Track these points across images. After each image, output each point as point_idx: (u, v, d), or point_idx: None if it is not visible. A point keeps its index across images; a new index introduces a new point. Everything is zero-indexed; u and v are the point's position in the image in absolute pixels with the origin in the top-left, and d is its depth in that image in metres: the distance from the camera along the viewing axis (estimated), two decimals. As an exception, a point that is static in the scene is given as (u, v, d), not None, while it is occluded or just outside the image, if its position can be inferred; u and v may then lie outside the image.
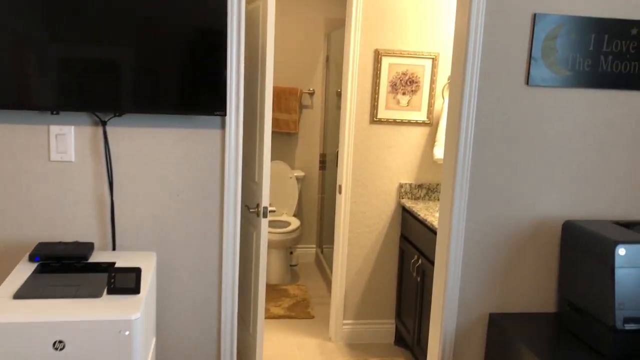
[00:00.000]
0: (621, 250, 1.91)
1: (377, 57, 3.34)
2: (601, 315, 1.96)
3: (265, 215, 2.66)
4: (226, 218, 2.24)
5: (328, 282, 4.49)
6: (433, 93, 3.42)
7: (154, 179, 2.18)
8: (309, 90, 4.95)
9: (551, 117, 2.25)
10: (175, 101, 2.05)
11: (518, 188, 2.27)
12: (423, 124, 3.45)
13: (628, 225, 2.20)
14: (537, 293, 2.35)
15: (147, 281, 1.82)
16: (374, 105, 3.39)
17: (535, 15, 2.17)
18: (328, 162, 4.89)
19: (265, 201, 2.64)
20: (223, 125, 2.18)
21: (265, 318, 3.89)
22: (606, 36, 2.21)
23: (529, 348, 2.02)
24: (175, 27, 2.01)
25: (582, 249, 2.10)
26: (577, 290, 2.13)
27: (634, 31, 2.21)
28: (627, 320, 1.91)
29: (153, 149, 2.16)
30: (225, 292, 2.29)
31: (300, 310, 4.05)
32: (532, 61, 2.20)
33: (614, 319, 1.91)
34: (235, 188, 2.23)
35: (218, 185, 2.22)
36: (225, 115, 2.10)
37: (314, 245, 5.22)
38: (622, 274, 1.91)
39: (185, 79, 2.04)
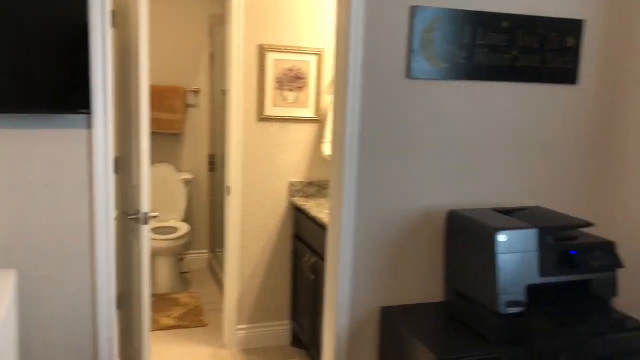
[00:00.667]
0: (501, 237, 1.97)
1: (262, 52, 3.25)
2: (486, 301, 2.01)
3: (146, 222, 2.48)
4: (98, 226, 2.04)
5: (222, 288, 4.33)
6: (320, 89, 3.39)
7: (12, 186, 1.94)
8: (194, 88, 4.76)
9: (433, 110, 2.28)
10: (31, 99, 1.83)
11: (405, 181, 2.28)
12: (311, 120, 3.41)
13: (508, 212, 2.28)
14: (426, 284, 2.37)
15: (2, 304, 1.60)
16: (260, 102, 3.29)
17: (413, 8, 2.18)
18: (217, 164, 4.73)
19: (145, 207, 2.46)
20: (90, 125, 1.99)
21: (154, 330, 3.66)
22: (480, 29, 2.27)
23: (418, 339, 2.02)
24: (31, 21, 1.79)
25: (466, 238, 2.14)
26: (462, 278, 2.17)
27: (505, 24, 2.29)
28: (509, 304, 1.96)
29: (10, 152, 1.92)
30: (101, 308, 2.09)
31: (192, 318, 3.87)
32: (413, 54, 2.21)
33: (498, 304, 1.95)
34: (107, 193, 2.04)
35: (86, 190, 2.02)
36: (89, 113, 1.91)
37: (206, 251, 5.03)
38: (504, 260, 1.96)
39: (44, 76, 1.82)
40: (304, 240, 3.26)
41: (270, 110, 3.30)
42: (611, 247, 2.10)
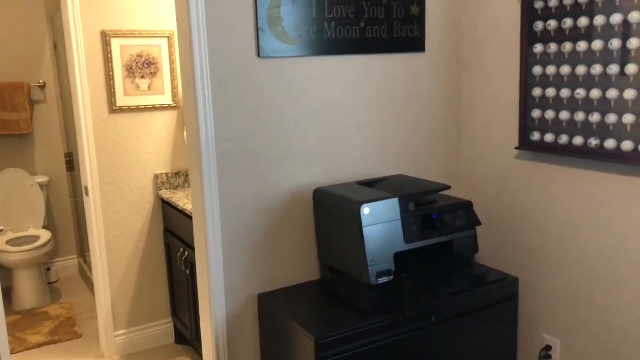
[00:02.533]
0: (366, 210, 1.97)
1: (105, 39, 3.00)
2: (357, 274, 2.02)
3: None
4: None
5: (96, 293, 4.06)
6: (175, 74, 3.21)
7: None
8: (39, 82, 4.34)
9: (288, 88, 2.22)
10: None
11: (269, 163, 2.22)
12: (170, 107, 3.23)
13: (372, 183, 2.30)
14: (302, 264, 2.35)
15: None
16: (110, 92, 3.06)
17: (255, -17, 2.09)
18: (76, 162, 4.38)
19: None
20: None
21: (22, 350, 3.35)
22: (326, 2, 2.24)
23: (296, 322, 2.00)
24: None
25: (332, 214, 2.13)
26: (333, 254, 2.17)
27: (350, -4, 2.28)
28: (379, 274, 1.99)
29: None
30: None
31: (65, 331, 3.59)
32: (260, 32, 2.13)
33: (368, 275, 1.97)
34: None
35: None
36: None
37: (75, 256, 4.68)
38: (370, 232, 1.98)
39: None
40: (175, 234, 3.11)
41: (122, 101, 3.08)
42: (469, 206, 2.19)
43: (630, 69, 1.90)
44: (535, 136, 2.27)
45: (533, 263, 2.38)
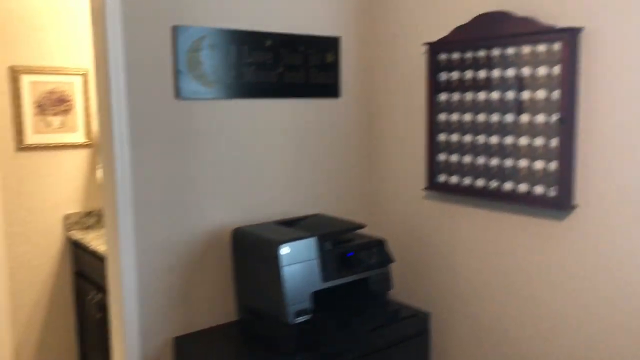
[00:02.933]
0: (284, 249, 2.02)
1: (14, 75, 2.91)
2: (276, 314, 2.04)
3: None
4: None
5: None
6: (89, 111, 3.15)
7: None
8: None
9: (206, 130, 2.25)
10: None
11: (186, 204, 2.22)
12: (82, 145, 3.15)
13: (291, 222, 2.35)
14: (220, 305, 2.34)
15: None
16: (18, 130, 2.94)
17: (175, 27, 2.13)
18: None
19: None
20: None
21: None
22: (245, 48, 2.31)
23: (215, 364, 1.98)
24: None
25: (251, 253, 2.16)
26: (252, 294, 2.18)
27: (269, 42, 2.37)
28: (297, 313, 2.02)
29: None
30: None
31: (-42, 386, 3.30)
32: (179, 74, 2.16)
33: (287, 315, 2.00)
34: None
35: None
36: None
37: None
38: (288, 271, 2.02)
39: None
40: (86, 276, 2.99)
41: (31, 138, 2.97)
42: (382, 244, 2.29)
43: (524, 118, 2.10)
44: (442, 178, 2.43)
45: (443, 299, 2.50)
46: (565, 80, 1.95)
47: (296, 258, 2.04)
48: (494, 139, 2.21)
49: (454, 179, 2.38)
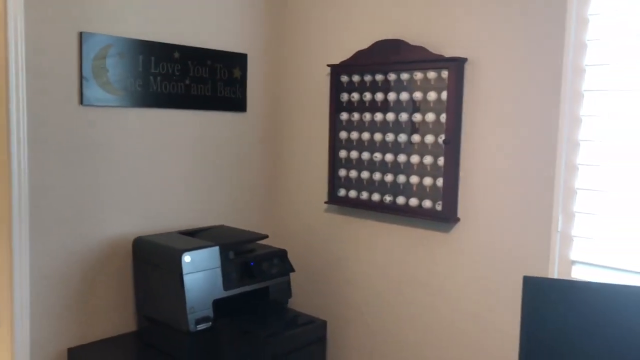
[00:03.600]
0: (187, 258, 2.05)
1: None
2: (176, 322, 2.06)
3: None
4: None
5: None
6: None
7: None
8: None
9: (110, 137, 2.24)
10: None
11: (86, 212, 2.19)
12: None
13: (194, 232, 2.38)
14: (118, 315, 2.31)
15: None
16: None
17: (81, 34, 2.12)
18: None
19: None
20: None
21: None
22: (153, 58, 2.34)
23: (111, 374, 1.96)
24: None
25: (153, 262, 2.16)
26: (153, 303, 2.19)
27: (177, 54, 2.41)
28: (198, 321, 2.05)
29: None
30: None
31: None
32: (84, 81, 2.14)
33: (187, 323, 2.02)
34: None
35: None
36: None
37: None
38: (190, 279, 2.05)
39: None
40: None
41: None
42: (283, 254, 2.38)
43: (415, 138, 2.28)
44: (342, 192, 2.57)
45: (341, 307, 2.63)
46: (450, 105, 2.16)
47: (198, 266, 2.07)
48: (389, 157, 2.38)
49: (353, 193, 2.52)
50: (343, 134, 2.54)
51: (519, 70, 2.01)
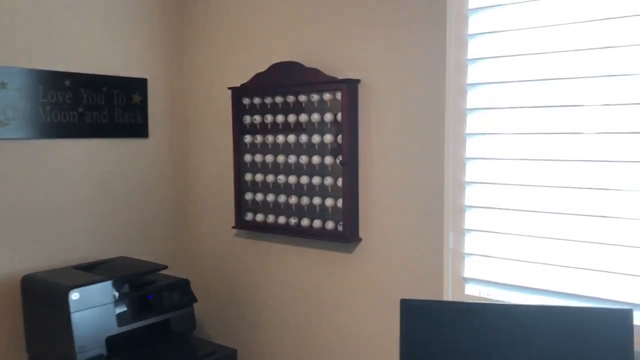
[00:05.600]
0: (74, 295, 1.95)
1: None
2: (66, 363, 1.96)
3: None
4: None
5: None
6: None
7: None
8: None
9: (5, 171, 2.14)
10: None
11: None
12: None
13: (91, 266, 2.27)
14: (8, 355, 2.18)
15: None
16: None
17: (-44, 63, 2.01)
18: None
19: None
20: None
21: None
22: (41, 87, 2.24)
23: None
24: None
25: (41, 301, 2.06)
26: (43, 344, 2.08)
27: (68, 82, 2.32)
28: (90, 360, 1.96)
29: None
30: None
31: None
32: (-39, 113, 2.03)
33: (77, 363, 1.92)
34: None
35: None
36: None
37: None
38: (79, 317, 1.95)
39: None
40: None
41: None
42: (185, 285, 2.30)
43: (315, 159, 2.26)
44: (249, 216, 2.52)
45: (251, 334, 2.57)
46: (346, 126, 2.15)
47: (88, 303, 1.98)
48: (292, 179, 2.35)
49: (260, 217, 2.48)
50: (248, 157, 2.50)
51: (406, 90, 2.02)
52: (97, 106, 2.42)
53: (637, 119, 1.59)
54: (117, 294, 2.07)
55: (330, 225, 2.24)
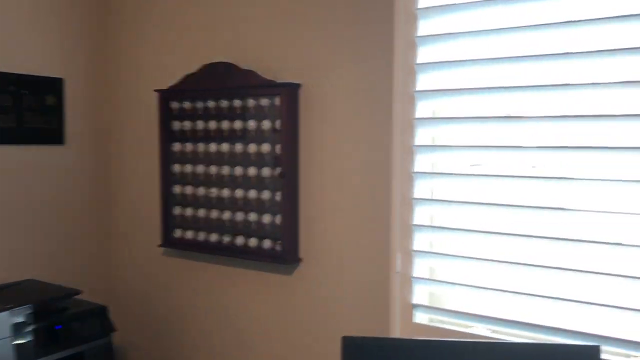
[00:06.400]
0: (-37, 329, 1.66)
1: None
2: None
3: None
4: None
5: None
6: None
7: None
8: None
9: None
10: None
11: None
12: None
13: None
14: None
15: None
16: None
17: None
18: None
19: None
20: None
21: None
22: None
23: None
24: None
25: None
26: None
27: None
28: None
29: None
30: None
31: None
32: None
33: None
34: None
35: None
36: None
37: None
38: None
39: None
40: None
41: None
42: (102, 312, 2.04)
43: (251, 171, 2.05)
44: (178, 233, 2.27)
45: (187, 358, 2.32)
46: (285, 134, 1.95)
47: (-17, 336, 1.69)
48: (226, 192, 2.12)
49: (190, 234, 2.24)
50: (176, 167, 2.25)
51: (351, 97, 1.84)
52: (2, 108, 2.12)
53: (597, 134, 1.46)
54: (17, 325, 1.78)
55: (267, 244, 2.03)
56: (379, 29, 1.75)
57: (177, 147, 2.25)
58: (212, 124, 2.14)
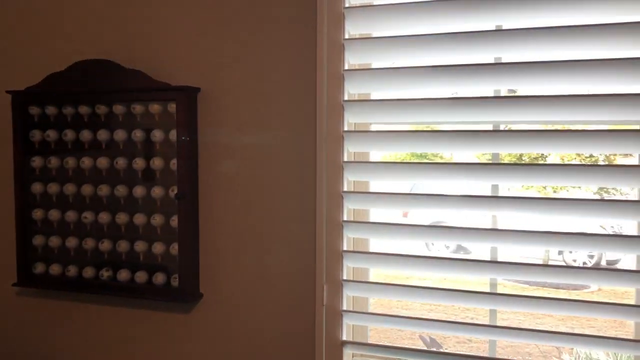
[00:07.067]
0: None
1: None
2: None
3: None
4: None
5: None
6: None
7: None
8: None
9: None
10: None
11: None
12: None
13: None
14: None
15: None
16: None
17: None
18: None
19: None
20: None
21: None
22: None
23: None
24: None
25: None
26: None
27: None
28: None
29: None
30: None
31: None
32: None
33: None
34: None
35: None
36: None
37: None
38: None
39: None
40: None
41: None
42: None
43: (138, 191, 1.70)
44: (39, 268, 1.84)
45: None
46: (182, 147, 1.64)
47: None
48: (104, 217, 1.74)
49: (56, 269, 1.81)
50: (37, 187, 1.81)
51: (263, 104, 1.59)
52: None
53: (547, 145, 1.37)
54: None
55: (160, 278, 1.69)
56: (301, 29, 1.53)
57: (38, 162, 1.81)
58: (86, 134, 1.75)
